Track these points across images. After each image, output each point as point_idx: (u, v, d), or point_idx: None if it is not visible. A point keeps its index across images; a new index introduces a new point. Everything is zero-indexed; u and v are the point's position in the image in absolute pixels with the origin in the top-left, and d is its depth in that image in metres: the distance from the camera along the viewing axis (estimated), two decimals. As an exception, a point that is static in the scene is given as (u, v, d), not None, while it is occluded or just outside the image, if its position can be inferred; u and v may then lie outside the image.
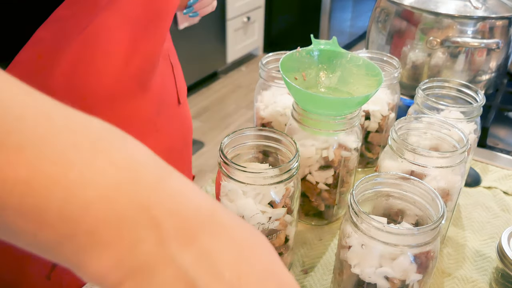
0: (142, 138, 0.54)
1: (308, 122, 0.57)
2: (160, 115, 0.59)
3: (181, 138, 0.67)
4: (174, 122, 0.64)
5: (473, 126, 0.63)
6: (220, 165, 0.50)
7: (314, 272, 0.58)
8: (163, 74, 0.60)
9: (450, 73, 0.85)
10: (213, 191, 0.71)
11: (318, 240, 0.63)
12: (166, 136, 0.61)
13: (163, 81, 0.60)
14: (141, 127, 0.57)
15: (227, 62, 3.18)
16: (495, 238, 0.64)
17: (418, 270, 0.43)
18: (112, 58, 0.50)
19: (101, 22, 0.48)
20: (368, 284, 0.44)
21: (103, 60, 0.49)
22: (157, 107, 0.58)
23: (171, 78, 0.64)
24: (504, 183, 0.74)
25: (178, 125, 0.65)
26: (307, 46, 0.63)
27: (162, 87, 0.60)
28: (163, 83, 0.60)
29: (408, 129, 0.59)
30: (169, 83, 0.63)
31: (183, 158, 0.69)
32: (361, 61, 0.62)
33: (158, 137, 0.60)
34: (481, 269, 0.59)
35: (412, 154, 0.52)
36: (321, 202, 0.63)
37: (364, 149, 0.76)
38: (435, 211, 0.45)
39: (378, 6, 0.93)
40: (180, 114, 0.66)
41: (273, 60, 0.70)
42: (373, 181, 0.48)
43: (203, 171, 2.29)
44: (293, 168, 0.49)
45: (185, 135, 0.69)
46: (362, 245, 0.44)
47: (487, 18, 0.82)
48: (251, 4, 3.16)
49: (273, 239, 0.52)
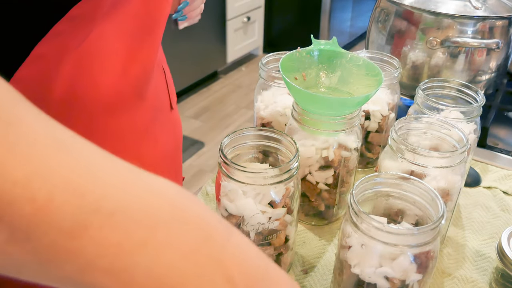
0: (140, 146, 0.54)
1: (308, 122, 0.57)
2: (155, 122, 0.60)
3: (174, 143, 0.67)
4: (167, 128, 0.65)
5: (473, 126, 0.63)
6: (220, 165, 0.50)
7: (314, 272, 0.58)
8: (156, 81, 0.60)
9: (450, 73, 0.85)
10: (213, 191, 0.71)
11: (318, 240, 0.63)
12: (160, 142, 0.62)
13: (157, 88, 0.60)
14: (139, 135, 0.58)
15: (227, 62, 3.18)
16: (495, 238, 0.64)
17: (418, 270, 0.43)
18: (110, 69, 0.50)
19: (99, 34, 0.49)
20: (368, 284, 0.44)
21: (101, 71, 0.50)
22: (152, 114, 0.59)
23: (164, 84, 0.64)
24: (504, 183, 0.74)
25: (170, 130, 0.66)
26: (307, 46, 0.63)
27: (156, 94, 0.60)
28: (157, 90, 0.60)
29: (408, 129, 0.59)
30: (162, 90, 0.63)
31: (175, 163, 0.70)
32: (361, 61, 0.62)
33: (153, 144, 0.60)
34: (481, 269, 0.59)
35: (412, 154, 0.52)
36: (321, 202, 0.63)
37: (364, 149, 0.76)
38: (435, 211, 0.45)
39: (378, 6, 0.93)
40: (172, 120, 0.67)
41: (273, 60, 0.70)
42: (373, 181, 0.48)
43: (203, 171, 2.29)
44: (293, 168, 0.49)
45: (177, 139, 0.70)
46: (362, 245, 0.44)
47: (487, 18, 0.82)
48: (251, 4, 3.16)
49: (273, 239, 0.52)
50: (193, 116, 2.77)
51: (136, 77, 0.54)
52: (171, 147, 0.66)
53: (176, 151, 0.69)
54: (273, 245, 0.53)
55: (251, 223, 0.50)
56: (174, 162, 0.68)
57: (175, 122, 0.68)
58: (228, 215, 0.51)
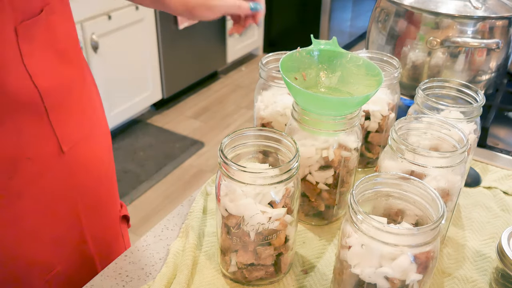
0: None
1: (308, 122, 0.57)
2: (13, 178, 0.55)
3: (71, 190, 0.63)
4: (49, 177, 0.59)
5: (473, 126, 0.63)
6: (220, 165, 0.50)
7: (314, 272, 0.58)
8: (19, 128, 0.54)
9: (450, 73, 0.85)
10: (213, 191, 0.71)
11: (318, 240, 0.63)
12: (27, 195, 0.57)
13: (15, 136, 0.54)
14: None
15: (227, 62, 3.18)
16: (495, 238, 0.64)
17: (418, 270, 0.43)
18: None
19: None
20: (368, 284, 0.44)
21: None
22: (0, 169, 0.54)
23: (42, 128, 0.57)
24: (504, 183, 0.74)
25: (61, 178, 0.61)
26: (307, 46, 0.63)
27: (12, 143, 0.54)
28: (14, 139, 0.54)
29: (408, 129, 0.59)
30: (28, 135, 0.56)
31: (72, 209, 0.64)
32: (361, 61, 0.62)
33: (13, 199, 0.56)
34: (481, 269, 0.59)
35: (412, 154, 0.52)
36: (321, 202, 0.63)
37: (364, 149, 0.76)
38: (435, 211, 0.45)
39: (378, 6, 0.93)
40: (64, 165, 0.61)
41: (273, 60, 0.70)
42: (373, 181, 0.47)
43: (203, 171, 2.29)
44: (293, 168, 0.49)
45: (75, 185, 0.63)
46: (362, 245, 0.44)
47: (487, 18, 0.82)
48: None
49: (273, 239, 0.52)
50: (193, 116, 2.77)
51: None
52: (57, 196, 0.61)
53: (73, 197, 0.64)
54: (273, 245, 0.53)
55: (251, 223, 0.50)
56: (68, 210, 0.64)
57: (70, 166, 0.62)
58: (228, 215, 0.51)
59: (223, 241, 0.55)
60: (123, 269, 0.58)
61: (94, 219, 0.69)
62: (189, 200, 0.70)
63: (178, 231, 0.65)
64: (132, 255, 0.61)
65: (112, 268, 0.59)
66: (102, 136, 0.70)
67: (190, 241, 0.60)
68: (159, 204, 2.08)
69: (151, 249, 0.61)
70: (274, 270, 0.55)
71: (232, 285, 0.56)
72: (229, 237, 0.53)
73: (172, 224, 0.66)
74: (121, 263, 0.59)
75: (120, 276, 0.57)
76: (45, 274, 0.64)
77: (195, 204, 0.68)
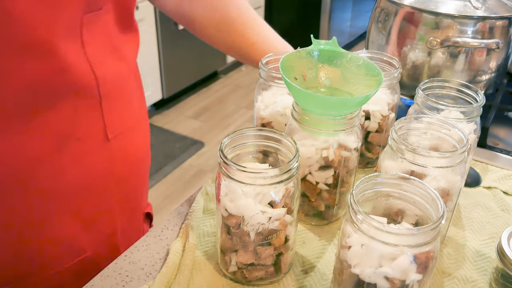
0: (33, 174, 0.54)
1: (308, 122, 0.57)
2: (60, 152, 0.59)
3: (107, 175, 0.66)
4: (92, 160, 0.63)
5: (473, 126, 0.63)
6: (220, 165, 0.50)
7: (314, 272, 0.58)
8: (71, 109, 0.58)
9: (450, 73, 0.85)
10: (213, 191, 0.71)
11: (318, 240, 0.63)
12: (70, 173, 0.60)
13: (68, 116, 0.58)
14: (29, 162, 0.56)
15: (227, 62, 3.18)
16: (495, 238, 0.64)
17: (418, 270, 0.43)
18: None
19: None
20: (368, 284, 0.44)
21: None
22: (53, 143, 0.57)
23: (94, 113, 0.61)
24: (504, 183, 0.74)
25: (102, 163, 0.64)
26: (307, 46, 0.63)
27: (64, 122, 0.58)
28: (67, 118, 0.58)
29: (408, 129, 0.59)
30: (85, 118, 0.60)
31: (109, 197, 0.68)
32: (361, 61, 0.62)
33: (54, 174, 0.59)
34: (481, 269, 0.59)
35: (412, 154, 0.52)
36: (321, 202, 0.63)
37: (364, 149, 0.76)
38: (435, 211, 0.45)
39: (378, 6, 0.93)
40: (108, 151, 0.64)
41: (273, 60, 0.70)
42: (373, 181, 0.47)
43: (203, 171, 2.29)
44: (293, 168, 0.49)
45: (117, 172, 0.67)
46: (362, 245, 0.44)
47: (487, 18, 0.82)
48: (251, 4, 3.15)
49: (273, 239, 0.52)
50: (193, 116, 2.77)
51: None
52: (97, 179, 0.64)
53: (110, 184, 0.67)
54: (273, 245, 0.53)
55: (251, 223, 0.50)
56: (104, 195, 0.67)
57: (112, 154, 0.65)
58: (228, 215, 0.51)
59: (223, 241, 0.55)
60: (123, 269, 0.58)
61: (125, 211, 0.72)
62: (189, 200, 0.70)
63: (178, 231, 0.65)
64: (132, 255, 0.61)
65: (112, 268, 0.59)
66: (143, 132, 0.74)
67: (190, 241, 0.60)
68: (159, 204, 2.08)
69: (151, 249, 0.61)
70: (274, 270, 0.55)
71: (232, 285, 0.56)
72: (229, 237, 0.53)
73: (172, 224, 0.66)
74: (121, 263, 0.59)
75: (120, 276, 0.57)
76: (75, 256, 0.66)
77: (195, 204, 0.68)
